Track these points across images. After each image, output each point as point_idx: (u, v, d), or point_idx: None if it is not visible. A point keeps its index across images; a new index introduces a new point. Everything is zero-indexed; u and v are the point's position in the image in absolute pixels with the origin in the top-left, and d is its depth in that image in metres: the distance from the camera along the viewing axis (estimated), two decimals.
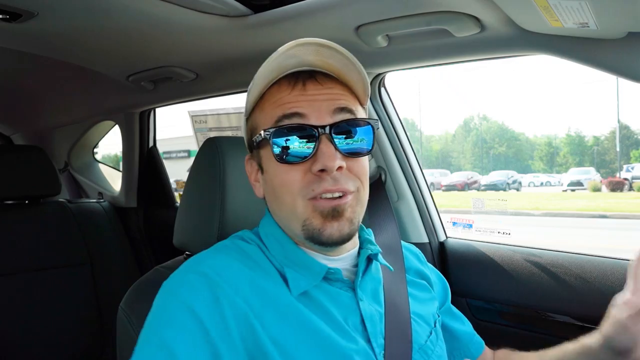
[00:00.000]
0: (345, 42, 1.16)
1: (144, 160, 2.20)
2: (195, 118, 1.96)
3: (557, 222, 9.53)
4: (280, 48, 0.67)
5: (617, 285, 1.13)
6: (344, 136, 0.69)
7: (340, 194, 0.68)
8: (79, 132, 2.41)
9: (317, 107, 0.69)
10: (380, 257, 0.81)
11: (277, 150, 0.67)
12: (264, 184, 0.75)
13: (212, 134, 1.81)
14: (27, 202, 1.88)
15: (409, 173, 1.47)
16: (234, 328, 0.62)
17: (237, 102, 1.91)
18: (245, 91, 1.70)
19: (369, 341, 0.72)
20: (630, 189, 15.31)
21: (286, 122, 0.68)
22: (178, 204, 1.52)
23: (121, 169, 2.28)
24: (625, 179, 16.10)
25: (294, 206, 0.69)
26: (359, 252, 0.79)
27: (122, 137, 2.21)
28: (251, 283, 0.67)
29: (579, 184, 17.01)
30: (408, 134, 1.50)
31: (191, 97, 1.86)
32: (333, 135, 0.68)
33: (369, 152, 0.72)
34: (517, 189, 19.50)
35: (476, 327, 1.01)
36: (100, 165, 2.63)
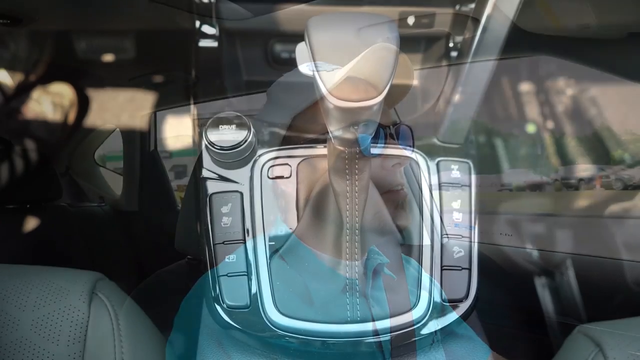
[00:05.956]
0: None
1: (145, 164, 2.20)
2: (195, 121, 1.96)
3: None
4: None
5: (618, 285, 1.13)
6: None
7: None
8: (80, 136, 2.41)
9: None
10: (385, 267, 0.82)
11: None
12: None
13: None
14: (28, 206, 1.88)
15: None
16: None
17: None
18: (245, 94, 1.71)
19: (380, 347, 0.74)
20: None
21: None
22: (179, 208, 1.51)
23: (122, 172, 2.28)
24: None
25: None
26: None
27: (123, 140, 2.21)
28: None
29: None
30: None
31: (192, 100, 1.86)
32: None
33: None
34: None
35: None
36: (101, 169, 2.63)
